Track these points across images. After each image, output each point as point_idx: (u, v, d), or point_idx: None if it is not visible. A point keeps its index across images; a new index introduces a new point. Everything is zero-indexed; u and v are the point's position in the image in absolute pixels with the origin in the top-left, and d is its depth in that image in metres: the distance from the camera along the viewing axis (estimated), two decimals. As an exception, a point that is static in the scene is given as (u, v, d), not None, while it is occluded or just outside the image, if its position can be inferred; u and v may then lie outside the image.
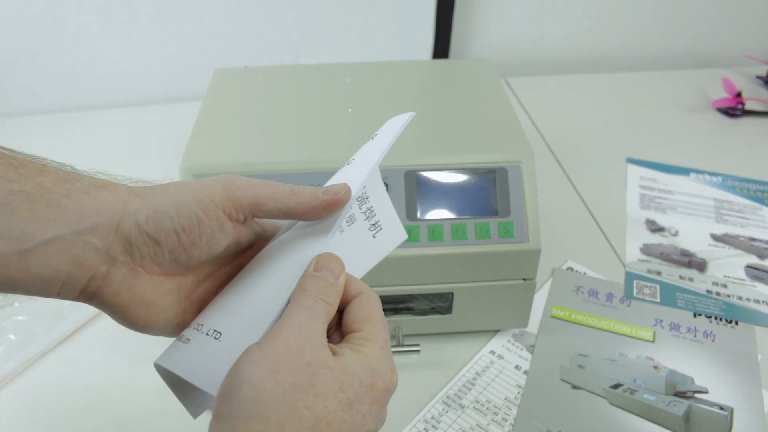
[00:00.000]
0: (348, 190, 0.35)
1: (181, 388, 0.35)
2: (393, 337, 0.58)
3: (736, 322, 0.64)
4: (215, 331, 0.33)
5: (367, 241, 0.38)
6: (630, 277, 0.70)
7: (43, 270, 0.31)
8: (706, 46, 1.18)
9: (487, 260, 0.55)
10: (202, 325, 0.34)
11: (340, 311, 0.35)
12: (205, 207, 0.33)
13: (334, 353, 0.31)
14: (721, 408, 0.56)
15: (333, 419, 0.28)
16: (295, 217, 0.35)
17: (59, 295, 0.32)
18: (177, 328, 0.35)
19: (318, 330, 0.31)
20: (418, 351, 0.57)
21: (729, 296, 0.67)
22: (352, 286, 0.35)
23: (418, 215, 0.54)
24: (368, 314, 0.33)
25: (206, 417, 0.33)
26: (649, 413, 0.55)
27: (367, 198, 0.38)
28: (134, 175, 0.40)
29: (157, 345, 0.62)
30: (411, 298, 0.59)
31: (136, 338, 0.62)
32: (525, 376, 0.59)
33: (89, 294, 0.33)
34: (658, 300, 0.67)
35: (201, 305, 0.36)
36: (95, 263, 0.32)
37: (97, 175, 0.34)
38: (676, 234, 0.76)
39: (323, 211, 0.34)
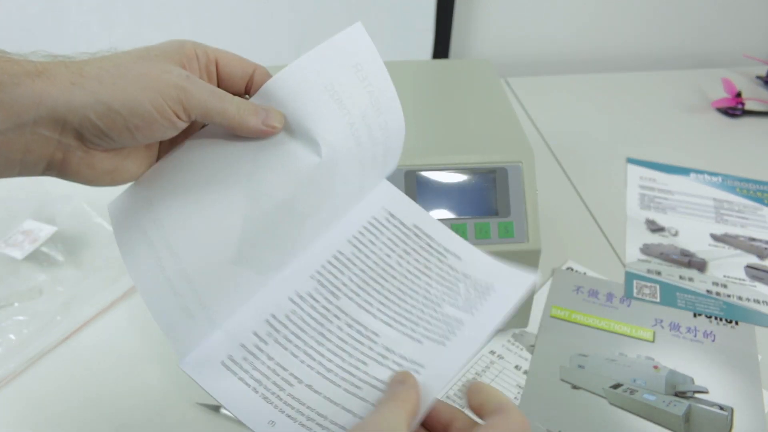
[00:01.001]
0: (282, 122, 0.36)
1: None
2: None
3: (736, 322, 0.64)
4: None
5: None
6: (630, 277, 0.70)
7: None
8: (706, 46, 1.18)
9: (487, 260, 0.55)
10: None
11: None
12: (160, 108, 0.32)
13: None
14: (721, 408, 0.56)
15: None
16: (236, 134, 0.36)
17: (20, 175, 0.33)
18: (142, 173, 0.37)
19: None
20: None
21: (729, 296, 0.67)
22: (494, 400, 0.33)
23: (418, 215, 0.54)
24: None
25: (207, 417, 0.33)
26: (649, 413, 0.55)
27: None
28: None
29: (159, 345, 0.62)
30: (411, 298, 0.59)
31: (136, 338, 0.62)
32: (525, 376, 0.59)
33: (52, 172, 0.33)
34: (658, 300, 0.67)
35: (161, 153, 0.38)
36: (48, 151, 0.32)
37: (29, 56, 0.32)
38: (676, 234, 0.76)
39: (259, 138, 0.36)
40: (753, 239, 0.75)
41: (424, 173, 0.54)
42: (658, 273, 0.70)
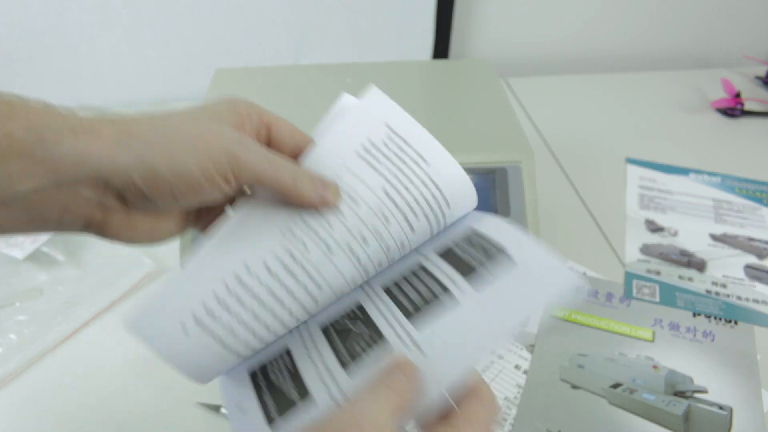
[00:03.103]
0: (338, 197, 0.34)
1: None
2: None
3: (736, 322, 0.64)
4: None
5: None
6: (629, 276, 0.70)
7: (29, 216, 0.29)
8: (706, 46, 1.18)
9: (486, 260, 0.55)
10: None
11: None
12: (207, 174, 0.31)
13: None
14: (721, 408, 0.56)
15: None
16: (288, 202, 0.34)
17: (57, 232, 0.31)
18: (179, 234, 0.35)
19: (374, 415, 0.28)
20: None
21: (728, 296, 0.67)
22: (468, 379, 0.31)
23: (418, 215, 0.54)
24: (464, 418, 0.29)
25: (207, 417, 0.33)
26: (648, 413, 0.55)
27: None
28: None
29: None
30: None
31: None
32: (525, 376, 0.59)
33: (90, 231, 0.32)
34: (657, 300, 0.67)
35: (199, 215, 0.36)
36: (88, 211, 0.31)
37: (75, 111, 0.31)
38: (675, 234, 0.76)
39: (317, 209, 0.34)
40: (752, 239, 0.75)
41: (424, 173, 0.54)
42: (658, 273, 0.70)
